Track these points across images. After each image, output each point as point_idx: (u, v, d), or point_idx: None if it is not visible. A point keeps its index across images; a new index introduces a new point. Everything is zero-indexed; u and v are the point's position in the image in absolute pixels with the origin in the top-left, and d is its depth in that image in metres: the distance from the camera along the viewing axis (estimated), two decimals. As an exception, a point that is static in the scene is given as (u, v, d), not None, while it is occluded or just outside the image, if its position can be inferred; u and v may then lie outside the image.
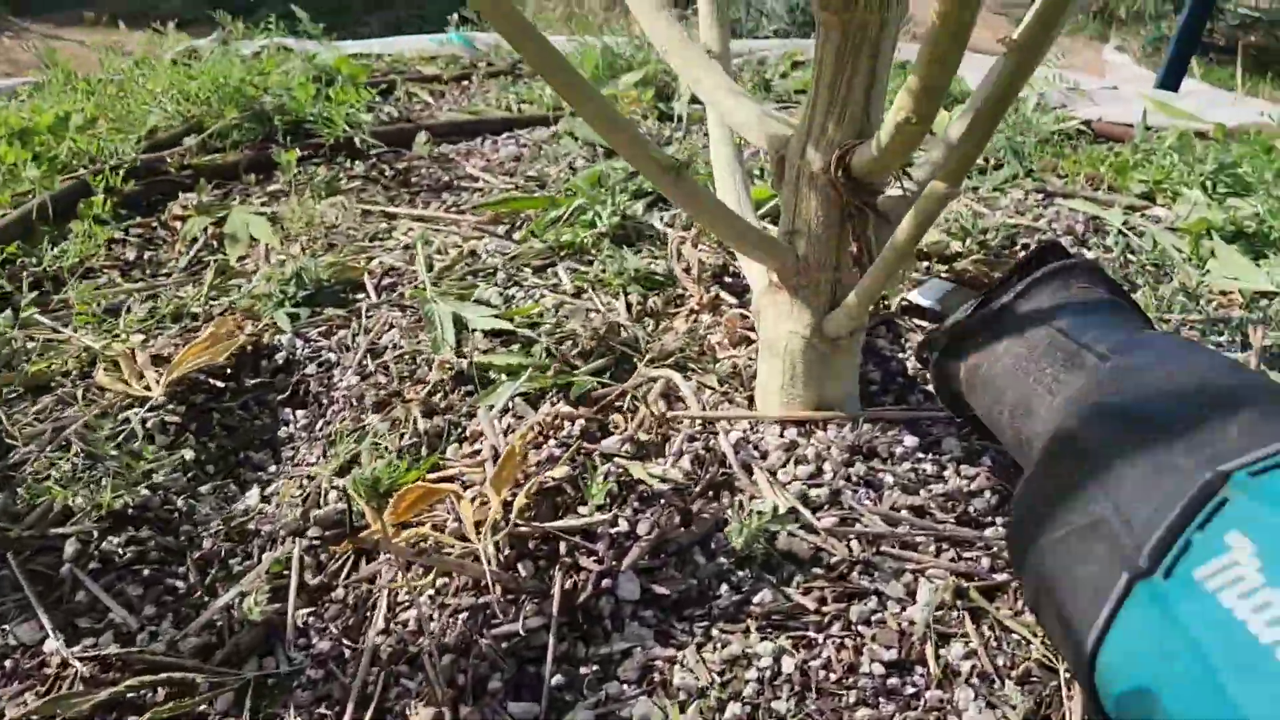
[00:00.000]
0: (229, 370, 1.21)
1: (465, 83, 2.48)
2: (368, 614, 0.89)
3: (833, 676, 0.83)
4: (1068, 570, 0.57)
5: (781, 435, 1.10)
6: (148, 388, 1.12)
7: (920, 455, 1.09)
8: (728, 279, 1.47)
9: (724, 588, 0.91)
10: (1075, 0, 0.76)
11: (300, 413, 1.16)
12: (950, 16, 0.70)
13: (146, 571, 0.93)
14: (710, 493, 1.02)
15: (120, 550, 0.93)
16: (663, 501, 0.98)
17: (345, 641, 0.86)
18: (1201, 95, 2.82)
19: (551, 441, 1.05)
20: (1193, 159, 1.88)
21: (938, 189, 0.83)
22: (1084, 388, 0.69)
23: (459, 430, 1.10)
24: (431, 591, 0.89)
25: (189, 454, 1.07)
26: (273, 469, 1.09)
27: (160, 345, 1.24)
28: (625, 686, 0.82)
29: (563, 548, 0.92)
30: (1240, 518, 0.49)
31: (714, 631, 0.87)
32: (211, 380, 1.18)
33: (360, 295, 1.38)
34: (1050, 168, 2.01)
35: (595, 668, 0.83)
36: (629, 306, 1.36)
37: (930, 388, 1.12)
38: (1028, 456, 0.74)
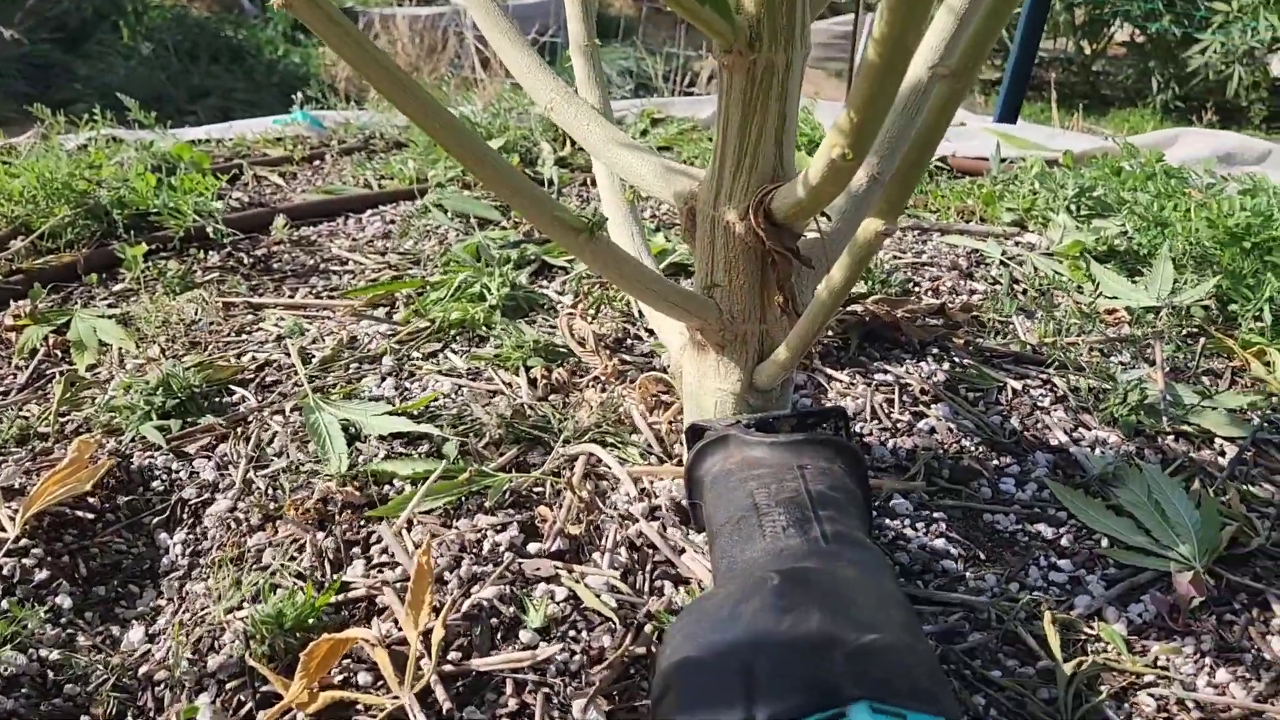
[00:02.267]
0: (96, 497, 1.06)
1: (318, 163, 2.36)
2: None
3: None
4: (697, 694, 0.60)
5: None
6: (1, 527, 0.96)
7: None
8: (627, 342, 1.41)
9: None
10: (1001, 27, 0.73)
11: (181, 537, 1.03)
12: (888, 43, 0.66)
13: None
14: (659, 586, 0.95)
15: (-13, 730, 0.78)
16: (614, 616, 0.89)
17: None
18: (1033, 129, 2.96)
19: (469, 558, 0.95)
20: (1054, 185, 1.94)
21: (875, 226, 0.79)
22: (795, 553, 0.72)
23: (362, 546, 0.99)
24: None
25: (65, 601, 0.93)
26: (158, 603, 0.95)
27: (8, 475, 1.08)
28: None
29: (510, 685, 0.83)
30: None
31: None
32: (76, 511, 1.03)
33: (237, 398, 1.25)
34: (921, 204, 2.04)
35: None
36: (533, 382, 1.28)
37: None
38: (717, 565, 0.78)
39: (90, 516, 1.05)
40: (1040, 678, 0.87)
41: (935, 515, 1.07)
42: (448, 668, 0.83)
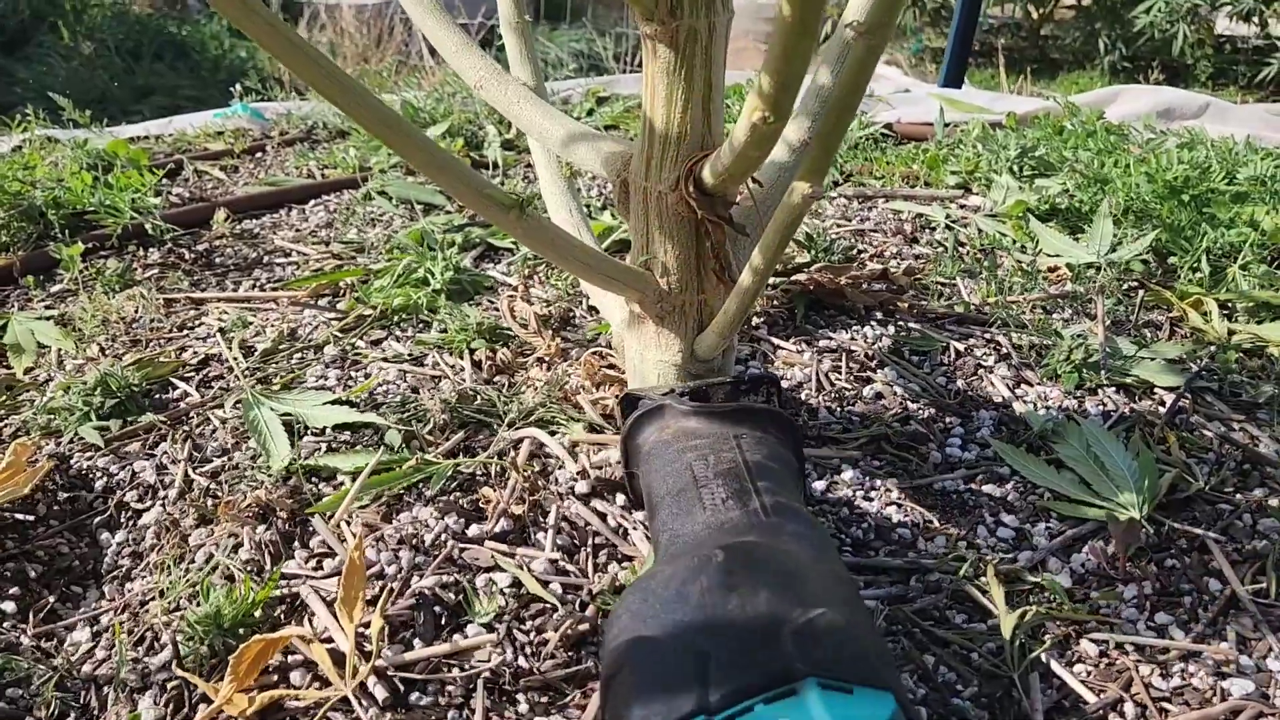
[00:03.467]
0: (42, 502, 1.05)
1: (259, 155, 2.33)
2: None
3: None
4: (651, 676, 0.60)
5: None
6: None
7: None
8: (574, 321, 1.40)
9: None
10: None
11: (122, 537, 1.01)
12: (799, 4, 0.66)
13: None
14: (602, 564, 0.95)
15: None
16: (556, 601, 0.89)
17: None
18: (979, 94, 2.97)
19: (408, 549, 0.95)
20: (997, 147, 1.95)
21: (801, 189, 0.78)
22: (736, 526, 0.72)
23: (302, 542, 0.98)
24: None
25: (9, 605, 0.92)
26: (101, 604, 0.94)
27: (-59, 483, 1.06)
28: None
29: (453, 673, 0.82)
30: (795, 713, 0.55)
31: None
32: (15, 515, 1.02)
33: (178, 394, 1.23)
34: (866, 171, 2.05)
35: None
36: (478, 365, 1.27)
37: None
38: (658, 538, 0.77)
39: (31, 519, 1.03)
40: (988, 632, 0.88)
41: (884, 482, 1.08)
42: (387, 660, 0.83)
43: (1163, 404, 1.22)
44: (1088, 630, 0.88)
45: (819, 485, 1.06)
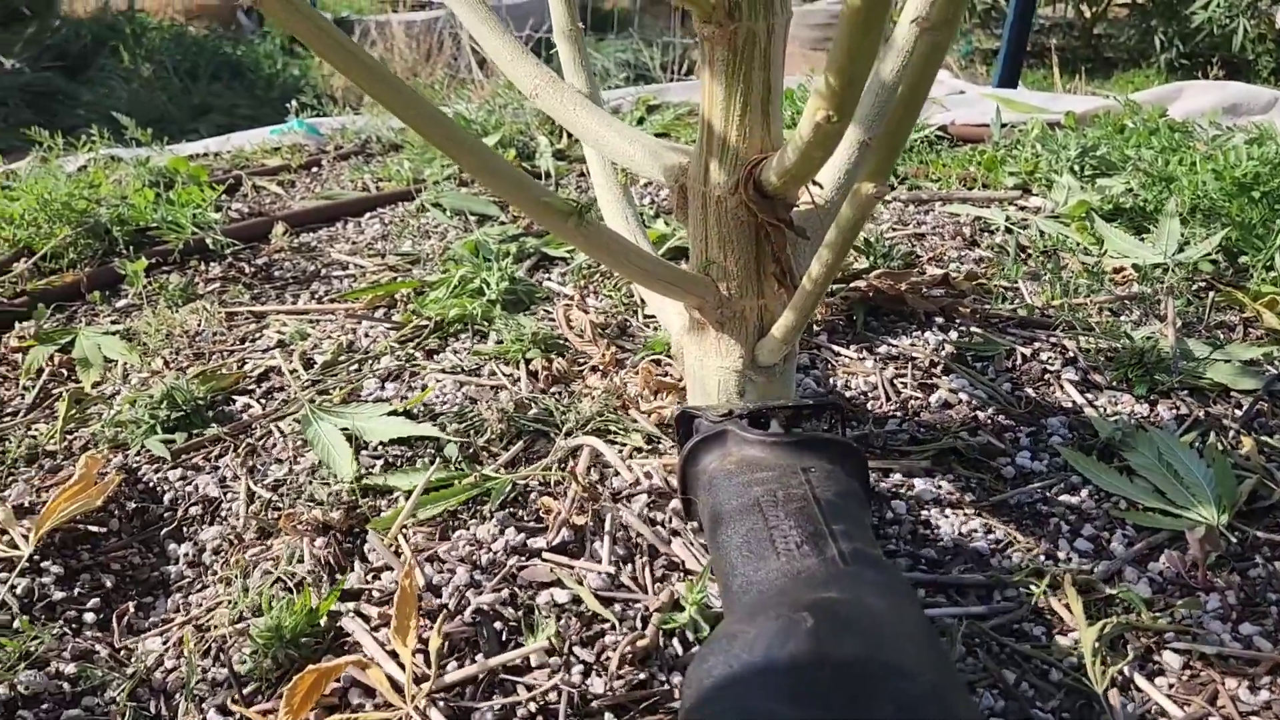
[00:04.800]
0: (115, 516, 1.06)
1: (315, 169, 2.36)
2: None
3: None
4: None
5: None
6: (14, 545, 0.97)
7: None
8: (628, 334, 1.39)
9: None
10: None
11: (188, 550, 1.02)
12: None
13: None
14: (662, 576, 0.94)
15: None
16: (614, 619, 0.88)
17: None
18: (1035, 94, 2.92)
19: (466, 566, 0.94)
20: (1057, 147, 1.91)
21: (865, 189, 0.77)
22: (815, 577, 0.68)
23: (361, 557, 0.98)
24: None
25: (89, 616, 0.94)
26: (172, 615, 0.95)
27: (19, 494, 1.08)
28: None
29: (519, 690, 0.82)
30: None
31: None
32: (88, 527, 1.04)
33: (241, 407, 1.24)
34: (921, 174, 2.02)
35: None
36: (534, 374, 1.26)
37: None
38: (728, 582, 0.73)
39: (102, 531, 1.05)
40: (1069, 646, 0.85)
41: (959, 498, 1.05)
42: (446, 681, 0.82)
43: (1239, 407, 1.18)
44: (1169, 641, 0.85)
45: (899, 506, 1.03)
